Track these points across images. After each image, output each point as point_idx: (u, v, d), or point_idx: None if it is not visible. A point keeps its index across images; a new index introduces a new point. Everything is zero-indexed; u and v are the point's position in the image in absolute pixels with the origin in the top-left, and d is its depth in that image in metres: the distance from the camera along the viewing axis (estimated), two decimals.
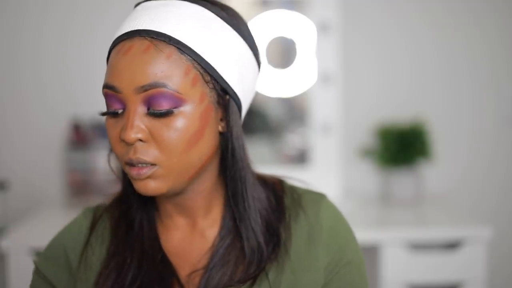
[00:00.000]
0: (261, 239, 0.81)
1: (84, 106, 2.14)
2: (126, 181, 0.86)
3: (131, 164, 0.74)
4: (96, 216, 0.88)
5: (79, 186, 2.06)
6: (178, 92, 0.72)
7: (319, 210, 0.86)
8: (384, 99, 2.23)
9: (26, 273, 1.83)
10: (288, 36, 2.23)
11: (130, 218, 0.85)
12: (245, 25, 0.82)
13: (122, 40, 0.75)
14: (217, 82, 0.76)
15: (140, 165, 0.74)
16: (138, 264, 0.81)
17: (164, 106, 0.72)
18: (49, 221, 1.89)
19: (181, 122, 0.73)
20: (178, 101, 0.73)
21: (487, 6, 2.22)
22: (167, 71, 0.72)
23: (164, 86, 0.72)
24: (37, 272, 0.88)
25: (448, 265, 1.80)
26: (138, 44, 0.73)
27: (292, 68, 2.23)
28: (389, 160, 2.11)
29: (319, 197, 0.88)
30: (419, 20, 2.22)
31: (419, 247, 1.81)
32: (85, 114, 2.12)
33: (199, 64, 0.74)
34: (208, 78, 0.75)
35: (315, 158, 2.20)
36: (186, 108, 0.73)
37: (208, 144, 0.76)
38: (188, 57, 0.74)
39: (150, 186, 0.75)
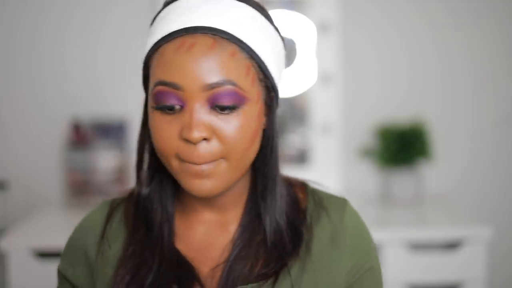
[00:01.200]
0: (284, 233, 0.81)
1: (84, 106, 2.14)
2: (148, 181, 0.84)
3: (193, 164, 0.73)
4: (112, 208, 0.88)
5: (79, 186, 2.06)
6: (242, 90, 0.73)
7: (344, 214, 0.86)
8: (384, 99, 2.23)
9: (26, 273, 1.85)
10: (288, 36, 2.23)
11: (149, 218, 0.84)
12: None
13: (178, 36, 0.73)
14: (268, 80, 0.77)
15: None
16: (158, 265, 0.80)
17: (229, 104, 0.72)
18: (49, 221, 1.89)
19: (244, 120, 0.73)
20: (242, 99, 0.73)
21: (487, 6, 2.22)
22: (233, 69, 0.72)
23: (231, 84, 0.71)
24: (59, 275, 0.89)
25: (448, 265, 1.80)
26: (202, 41, 0.72)
27: (292, 68, 2.23)
28: (389, 160, 2.11)
29: (342, 202, 0.88)
30: (419, 20, 2.22)
31: (419, 247, 1.81)
32: (85, 114, 2.12)
33: (256, 63, 0.75)
34: (261, 76, 0.76)
35: (315, 158, 2.20)
36: (248, 107, 0.74)
37: (259, 142, 0.78)
38: (248, 55, 0.74)
39: (205, 186, 0.74)
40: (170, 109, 0.73)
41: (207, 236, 0.84)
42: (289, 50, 2.24)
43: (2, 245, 1.70)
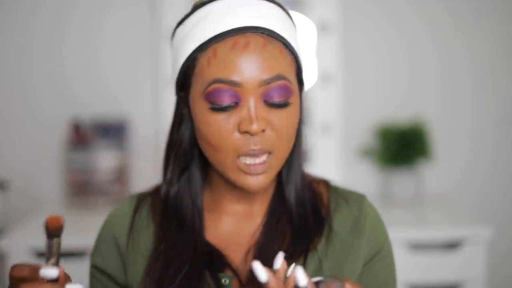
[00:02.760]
0: (309, 214, 0.86)
1: (84, 106, 2.14)
2: (176, 178, 0.88)
3: (251, 155, 0.77)
4: (139, 200, 0.91)
5: (79, 186, 2.06)
6: (291, 83, 0.79)
7: (363, 206, 0.91)
8: (384, 99, 2.23)
9: None
10: None
11: (180, 214, 0.87)
12: None
13: (229, 36, 0.77)
14: (301, 74, 0.85)
15: (258, 160, 0.78)
16: (190, 257, 0.83)
17: (282, 97, 0.78)
18: None
19: (291, 111, 0.80)
20: (291, 92, 0.79)
21: (487, 6, 2.22)
22: (283, 65, 0.78)
23: (284, 78, 0.78)
24: (93, 270, 0.91)
25: (448, 265, 1.80)
26: (255, 40, 0.77)
27: None
28: (389, 160, 2.11)
29: (361, 196, 0.93)
30: (419, 20, 2.22)
31: (419, 247, 1.81)
32: (85, 114, 2.12)
33: (295, 58, 0.82)
34: (297, 71, 0.83)
35: (315, 158, 2.20)
36: (295, 99, 0.80)
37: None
38: (290, 52, 0.81)
39: (259, 182, 0.79)
40: (226, 109, 0.77)
41: (236, 225, 0.87)
42: None
43: (2, 245, 1.70)
